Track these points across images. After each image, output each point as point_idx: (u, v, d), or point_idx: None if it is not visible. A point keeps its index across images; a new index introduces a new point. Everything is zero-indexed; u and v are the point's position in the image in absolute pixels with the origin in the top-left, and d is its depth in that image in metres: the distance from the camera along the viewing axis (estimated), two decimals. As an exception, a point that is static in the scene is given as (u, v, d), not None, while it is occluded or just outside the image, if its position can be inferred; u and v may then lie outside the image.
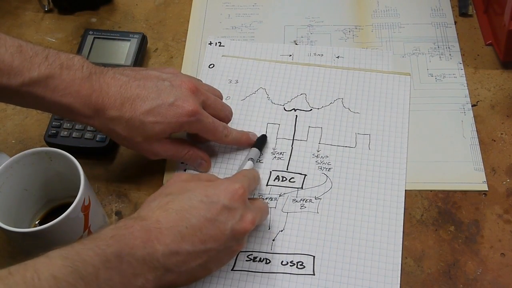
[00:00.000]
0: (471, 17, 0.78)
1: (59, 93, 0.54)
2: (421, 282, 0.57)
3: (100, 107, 0.56)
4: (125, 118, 0.56)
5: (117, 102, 0.56)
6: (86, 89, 0.55)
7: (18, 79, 0.52)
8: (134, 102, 0.57)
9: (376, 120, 0.68)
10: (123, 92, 0.57)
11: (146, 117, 0.57)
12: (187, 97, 0.59)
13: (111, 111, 0.56)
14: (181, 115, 0.58)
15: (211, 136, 0.62)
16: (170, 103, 0.58)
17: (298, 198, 0.62)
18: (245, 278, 0.57)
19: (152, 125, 0.57)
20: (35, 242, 0.53)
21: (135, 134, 0.58)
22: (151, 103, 0.57)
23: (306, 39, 0.77)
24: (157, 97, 0.57)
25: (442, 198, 0.62)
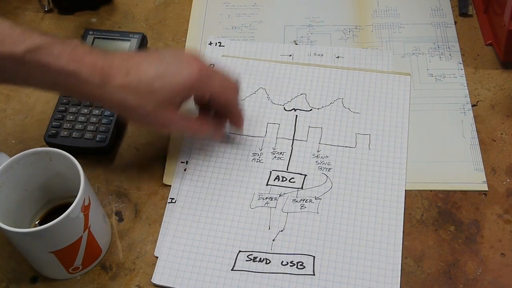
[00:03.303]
0: (471, 17, 0.78)
1: (64, 59, 0.52)
2: (421, 282, 0.57)
3: (106, 74, 0.54)
4: (133, 85, 0.54)
5: (122, 70, 0.54)
6: (90, 57, 0.54)
7: (21, 46, 0.51)
8: (139, 68, 0.55)
9: (376, 120, 0.68)
10: (126, 62, 0.55)
11: (154, 83, 0.55)
12: (191, 60, 0.57)
13: (117, 78, 0.54)
14: (188, 77, 0.56)
15: (224, 94, 0.60)
16: (175, 67, 0.56)
17: (298, 198, 0.62)
18: (245, 278, 0.57)
19: (161, 90, 0.55)
20: (35, 242, 0.53)
21: (145, 102, 0.55)
22: (156, 69, 0.55)
23: (306, 39, 0.77)
24: (161, 63, 0.56)
25: (442, 198, 0.62)
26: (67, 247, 0.54)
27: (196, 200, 0.63)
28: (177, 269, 0.58)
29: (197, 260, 0.58)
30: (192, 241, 0.60)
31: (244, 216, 0.61)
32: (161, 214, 0.62)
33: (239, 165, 0.65)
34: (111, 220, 0.62)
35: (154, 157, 0.67)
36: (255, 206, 0.62)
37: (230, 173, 0.64)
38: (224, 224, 0.61)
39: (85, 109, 0.68)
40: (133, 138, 0.69)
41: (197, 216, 0.61)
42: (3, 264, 0.60)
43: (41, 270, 0.58)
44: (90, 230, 0.55)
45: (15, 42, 0.51)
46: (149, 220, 0.62)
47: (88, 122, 0.67)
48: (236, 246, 0.59)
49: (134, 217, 0.62)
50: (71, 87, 0.54)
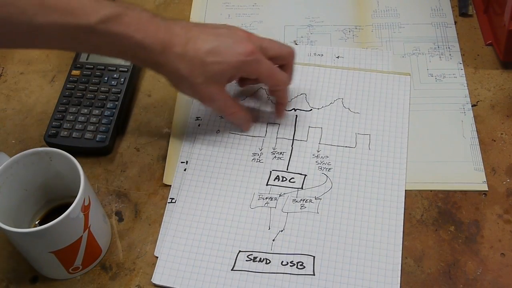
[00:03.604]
0: (471, 17, 0.78)
1: (132, 28, 0.56)
2: (421, 282, 0.57)
3: (167, 43, 0.57)
4: (188, 56, 0.58)
5: (182, 40, 0.58)
6: (154, 26, 0.57)
7: (95, 17, 0.53)
8: (196, 41, 0.58)
9: (376, 120, 0.68)
10: (185, 32, 0.59)
11: (207, 57, 0.58)
12: (244, 39, 0.60)
13: (176, 47, 0.58)
14: (240, 54, 0.59)
15: (270, 80, 0.63)
16: (228, 45, 0.59)
17: (298, 198, 0.62)
18: (245, 278, 0.57)
19: (213, 65, 0.59)
20: (35, 242, 0.53)
21: (196, 74, 0.59)
22: (211, 44, 0.59)
23: (306, 39, 0.77)
24: (216, 39, 0.59)
25: (442, 198, 0.62)
26: (67, 247, 0.54)
27: (196, 200, 0.63)
28: (177, 269, 0.58)
29: (197, 260, 0.58)
30: (192, 241, 0.60)
31: (244, 216, 0.61)
32: (161, 214, 0.62)
33: (239, 165, 0.65)
34: (111, 220, 0.62)
35: (154, 157, 0.67)
36: (255, 206, 0.62)
37: (230, 173, 0.64)
38: (224, 224, 0.61)
39: (85, 109, 0.68)
40: (133, 138, 0.69)
41: (197, 216, 0.61)
42: (3, 264, 0.60)
43: (41, 270, 0.58)
44: (90, 230, 0.55)
45: (87, 14, 0.54)
46: (149, 220, 0.62)
47: (88, 122, 0.67)
48: (236, 246, 0.59)
49: (134, 217, 0.62)
50: (135, 54, 0.58)
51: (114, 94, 0.69)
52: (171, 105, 0.71)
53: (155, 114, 0.71)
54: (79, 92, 0.69)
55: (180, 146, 0.67)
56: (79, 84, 0.70)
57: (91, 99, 0.69)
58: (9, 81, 0.75)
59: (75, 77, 0.70)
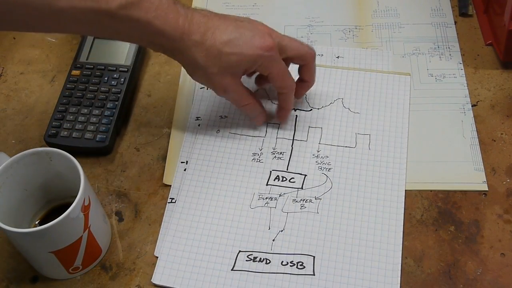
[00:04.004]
0: (471, 17, 0.78)
1: (152, 14, 0.56)
2: (421, 282, 0.57)
3: (186, 31, 0.58)
4: (206, 45, 0.58)
5: (201, 28, 0.58)
6: (174, 12, 0.57)
7: (116, 2, 0.54)
8: (215, 31, 0.59)
9: (376, 120, 0.68)
10: (205, 22, 0.59)
11: (224, 47, 0.59)
12: (264, 34, 0.60)
13: (195, 35, 0.58)
14: (258, 48, 0.59)
15: (280, 81, 0.63)
16: (248, 37, 0.59)
17: (298, 198, 0.62)
18: (245, 278, 0.57)
19: (229, 56, 0.59)
20: (35, 242, 0.53)
21: (211, 64, 0.59)
22: (230, 35, 0.59)
23: (306, 39, 0.77)
24: (235, 30, 0.59)
25: (442, 198, 0.62)
26: (67, 247, 0.54)
27: (196, 200, 0.63)
28: (177, 269, 0.58)
29: (197, 260, 0.58)
30: (192, 241, 0.60)
31: (244, 216, 0.61)
32: (161, 214, 0.62)
33: (239, 165, 0.65)
34: (111, 220, 0.62)
35: (154, 157, 0.67)
36: (255, 206, 0.62)
37: (230, 173, 0.64)
38: (224, 224, 0.61)
39: (85, 109, 0.68)
40: (133, 138, 0.69)
41: (197, 216, 0.61)
42: (3, 264, 0.60)
43: (41, 270, 0.58)
44: (90, 230, 0.55)
45: None
46: (149, 220, 0.62)
47: (88, 122, 0.67)
48: (236, 246, 0.59)
49: (134, 217, 0.62)
50: (153, 40, 0.58)
51: (114, 94, 0.69)
52: (171, 105, 0.71)
53: (155, 114, 0.71)
54: (79, 92, 0.69)
55: (180, 146, 0.67)
56: (79, 84, 0.70)
57: (91, 99, 0.69)
58: (9, 81, 0.75)
59: (75, 77, 0.70)
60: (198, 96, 0.71)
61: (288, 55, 0.62)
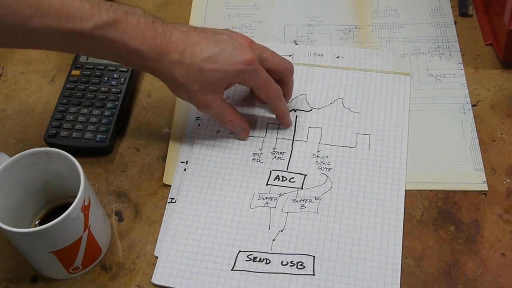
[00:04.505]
0: (471, 17, 0.78)
1: (128, 35, 0.56)
2: (421, 282, 0.57)
3: (164, 50, 0.57)
4: (185, 63, 0.58)
5: (179, 47, 0.58)
6: (151, 32, 0.57)
7: (90, 23, 0.54)
8: (194, 48, 0.58)
9: (376, 120, 0.68)
10: (184, 39, 0.59)
11: (205, 64, 0.58)
12: (244, 48, 0.60)
13: (173, 54, 0.58)
14: (238, 63, 0.59)
15: (264, 92, 0.63)
16: (228, 52, 0.59)
17: (298, 198, 0.62)
18: (245, 278, 0.57)
19: (210, 73, 0.59)
20: (35, 242, 0.53)
21: (192, 81, 0.59)
22: (210, 51, 0.59)
23: (306, 39, 0.77)
24: (215, 46, 0.59)
25: (442, 198, 0.62)
26: (67, 247, 0.54)
27: (196, 200, 0.63)
28: (177, 269, 0.58)
29: (197, 260, 0.58)
30: (192, 241, 0.60)
31: (244, 216, 0.61)
32: (161, 214, 0.62)
33: (239, 165, 0.65)
34: (111, 220, 0.62)
35: (154, 157, 0.67)
36: (255, 206, 0.62)
37: (230, 173, 0.64)
38: (224, 224, 0.61)
39: (85, 109, 0.68)
40: (133, 138, 0.69)
41: (197, 216, 0.61)
42: (3, 264, 0.60)
43: (41, 270, 0.58)
44: (90, 230, 0.55)
45: (83, 19, 0.54)
46: (149, 220, 0.62)
47: (88, 122, 0.67)
48: (236, 246, 0.59)
49: (134, 217, 0.62)
50: (131, 60, 0.58)
51: (114, 94, 0.69)
52: (171, 105, 0.71)
53: (155, 114, 0.71)
54: (79, 92, 0.69)
55: (180, 146, 0.67)
56: (79, 84, 0.70)
57: (91, 99, 0.69)
58: (9, 81, 0.75)
59: (75, 77, 0.70)
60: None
61: (267, 67, 0.62)
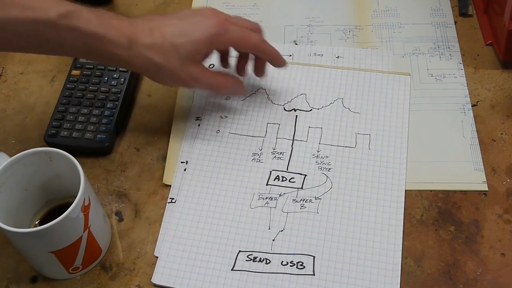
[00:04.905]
0: (471, 17, 0.78)
1: (94, 22, 0.56)
2: (421, 282, 0.57)
3: (132, 36, 0.57)
4: (158, 43, 0.58)
5: (146, 30, 0.58)
6: (116, 21, 0.57)
7: (54, 12, 0.54)
8: (161, 28, 0.59)
9: (376, 120, 0.68)
10: (149, 22, 0.59)
11: (176, 39, 0.59)
12: (210, 15, 0.61)
13: (143, 38, 0.58)
14: (209, 28, 0.59)
15: (246, 44, 0.63)
16: (195, 22, 0.60)
17: (298, 198, 0.62)
18: (245, 278, 0.57)
19: (184, 46, 0.59)
20: (35, 242, 0.53)
21: (171, 58, 0.59)
22: (176, 26, 0.59)
23: (306, 39, 0.77)
24: (181, 21, 0.60)
25: (442, 198, 0.62)
26: (67, 247, 0.54)
27: (196, 200, 0.63)
28: (177, 269, 0.58)
29: (197, 260, 0.58)
30: (192, 241, 0.60)
31: (244, 216, 0.61)
32: (161, 214, 0.62)
33: (239, 165, 0.65)
34: (111, 220, 0.62)
35: (154, 157, 0.67)
36: (255, 206, 0.62)
37: (230, 173, 0.64)
38: (224, 224, 0.61)
39: (85, 109, 0.68)
40: (133, 138, 0.69)
41: (197, 216, 0.61)
42: (3, 264, 0.60)
43: (41, 270, 0.58)
44: (90, 230, 0.55)
45: (48, 9, 0.54)
46: (149, 220, 0.62)
47: (88, 122, 0.67)
48: (236, 246, 0.59)
49: (134, 217, 0.62)
50: (100, 50, 0.57)
51: (114, 94, 0.69)
52: (171, 105, 0.71)
53: (155, 114, 0.71)
54: (79, 92, 0.69)
55: (180, 146, 0.67)
56: (79, 84, 0.70)
57: (91, 99, 0.69)
58: (9, 81, 0.75)
59: (75, 77, 0.70)
60: (198, 96, 0.71)
61: None
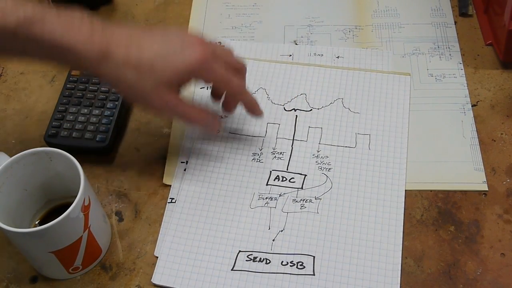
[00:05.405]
0: (471, 17, 0.78)
1: (58, 31, 0.50)
2: (421, 282, 0.57)
3: (105, 48, 0.52)
4: (133, 62, 0.53)
5: (122, 42, 0.52)
6: (87, 28, 0.52)
7: (13, 18, 0.49)
8: (140, 43, 0.53)
9: (376, 120, 0.68)
10: (128, 35, 0.53)
11: (155, 60, 0.53)
12: (196, 44, 0.55)
13: (117, 52, 0.52)
14: (191, 60, 0.54)
15: (225, 87, 0.59)
16: (178, 49, 0.54)
17: (298, 198, 0.62)
18: (245, 278, 0.57)
19: (162, 70, 0.53)
20: (35, 242, 0.53)
21: (145, 80, 0.53)
22: (158, 47, 0.54)
23: (306, 39, 0.77)
24: (164, 42, 0.54)
25: (442, 198, 0.62)
26: (67, 247, 0.54)
27: (196, 200, 0.63)
28: (177, 269, 0.58)
29: (197, 260, 0.58)
30: (192, 241, 0.60)
31: (244, 216, 0.61)
32: (161, 214, 0.62)
33: (239, 165, 0.65)
34: (111, 220, 0.62)
35: (154, 157, 0.67)
36: (255, 206, 0.62)
37: (230, 173, 0.64)
38: (224, 224, 0.61)
39: (85, 109, 0.68)
40: (133, 138, 0.69)
41: (197, 216, 0.61)
42: (3, 264, 0.60)
43: (41, 270, 0.58)
44: (90, 230, 0.55)
45: (6, 15, 0.49)
46: (149, 220, 0.62)
47: (88, 122, 0.67)
48: (236, 246, 0.59)
49: (134, 217, 0.62)
50: (67, 61, 0.53)
51: (114, 94, 0.69)
52: (171, 105, 0.71)
53: (155, 114, 0.71)
54: (79, 92, 0.69)
55: (180, 146, 0.67)
56: (79, 84, 0.70)
57: (91, 99, 0.69)
58: (9, 81, 0.75)
59: (75, 77, 0.70)
60: (198, 96, 0.71)
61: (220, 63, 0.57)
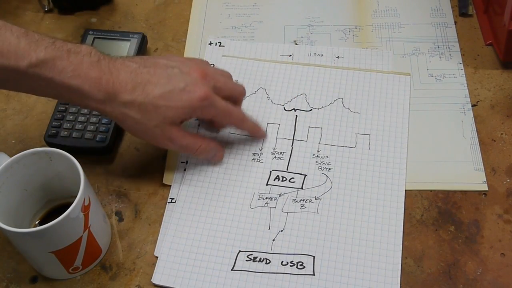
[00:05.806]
0: (471, 17, 0.78)
1: (67, 74, 0.53)
2: (421, 282, 0.57)
3: (111, 91, 0.55)
4: (137, 102, 0.56)
5: (128, 86, 0.56)
6: (96, 72, 0.55)
7: (25, 60, 0.52)
8: (145, 87, 0.57)
9: (376, 120, 0.68)
10: (133, 77, 0.56)
11: (158, 101, 0.57)
12: (198, 82, 0.58)
13: (123, 95, 0.56)
14: (193, 100, 0.58)
15: (226, 120, 0.63)
16: (181, 89, 0.57)
17: (298, 198, 0.62)
18: (245, 278, 0.57)
19: (166, 109, 0.57)
20: (35, 242, 0.53)
21: (148, 118, 0.57)
22: (162, 88, 0.57)
23: (306, 39, 0.77)
24: (167, 83, 0.57)
25: (442, 198, 0.62)
26: (67, 247, 0.54)
27: (196, 200, 0.63)
28: (177, 269, 0.58)
29: (197, 260, 0.58)
30: (192, 241, 0.60)
31: (244, 216, 0.61)
32: (161, 214, 0.62)
33: (239, 165, 0.65)
34: (111, 220, 0.62)
35: (154, 157, 0.67)
36: (255, 206, 0.62)
37: (230, 173, 0.64)
38: (224, 224, 0.61)
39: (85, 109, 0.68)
40: (133, 138, 0.69)
41: (197, 216, 0.61)
42: (3, 264, 0.60)
43: (41, 270, 0.58)
44: (90, 230, 0.55)
45: (19, 56, 0.52)
46: (149, 220, 0.62)
47: (88, 122, 0.67)
48: (236, 246, 0.59)
49: (134, 217, 0.62)
50: (74, 100, 0.56)
51: (114, 94, 0.69)
52: (171, 105, 0.71)
53: (155, 114, 0.71)
54: (79, 92, 0.69)
55: (180, 146, 0.67)
56: (79, 84, 0.70)
57: (91, 99, 0.69)
58: (9, 81, 0.75)
59: (75, 77, 0.70)
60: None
61: (222, 96, 0.61)
